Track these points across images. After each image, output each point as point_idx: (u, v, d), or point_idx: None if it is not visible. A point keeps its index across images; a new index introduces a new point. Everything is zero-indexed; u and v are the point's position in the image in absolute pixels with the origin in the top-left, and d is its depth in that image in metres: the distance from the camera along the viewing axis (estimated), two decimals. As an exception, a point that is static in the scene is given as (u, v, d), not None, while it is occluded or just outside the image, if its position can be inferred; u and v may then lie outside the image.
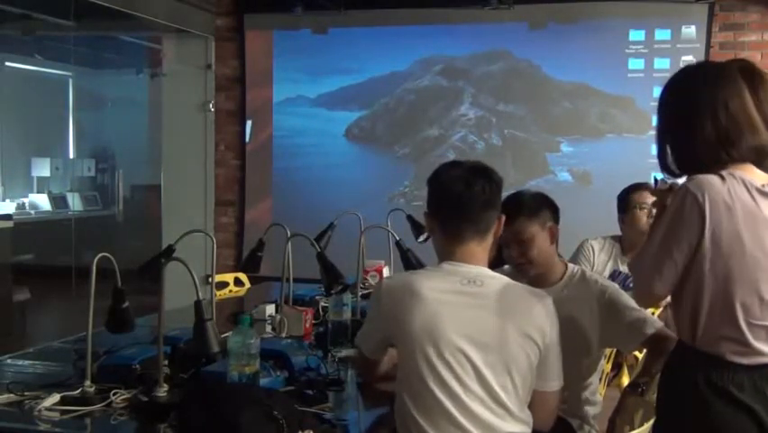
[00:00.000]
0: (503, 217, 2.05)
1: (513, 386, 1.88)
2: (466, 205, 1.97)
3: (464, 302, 1.90)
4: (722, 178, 1.79)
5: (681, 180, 1.91)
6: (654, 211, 3.56)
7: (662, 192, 1.97)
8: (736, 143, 1.83)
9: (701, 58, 5.59)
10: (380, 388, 2.26)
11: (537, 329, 1.90)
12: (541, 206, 2.46)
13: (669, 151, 1.94)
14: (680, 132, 1.90)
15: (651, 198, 3.58)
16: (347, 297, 2.95)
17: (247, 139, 6.62)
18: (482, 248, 2.00)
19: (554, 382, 1.99)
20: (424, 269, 2.17)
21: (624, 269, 3.60)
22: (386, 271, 3.87)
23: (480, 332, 1.87)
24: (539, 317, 1.93)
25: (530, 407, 1.96)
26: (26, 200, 8.67)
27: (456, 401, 1.85)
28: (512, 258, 2.45)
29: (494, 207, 2.01)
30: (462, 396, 1.85)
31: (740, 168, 1.83)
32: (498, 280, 1.98)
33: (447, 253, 1.99)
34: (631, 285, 2.92)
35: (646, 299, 2.14)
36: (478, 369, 1.85)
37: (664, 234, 1.85)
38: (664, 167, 1.96)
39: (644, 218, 3.63)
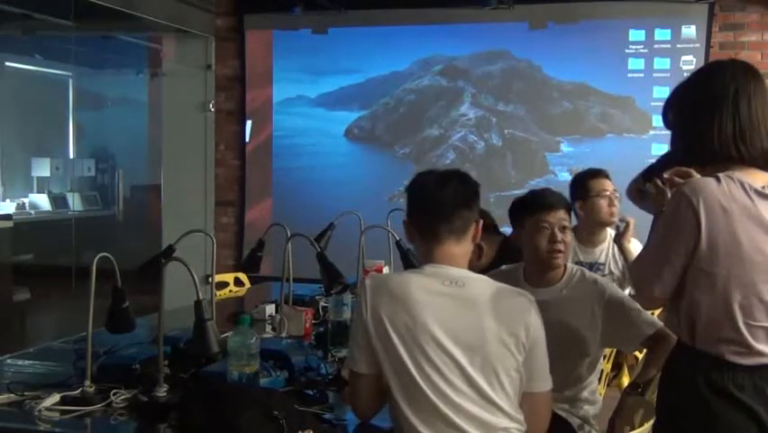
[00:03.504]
0: (481, 222, 2.04)
1: (500, 385, 1.87)
2: (439, 204, 1.98)
3: (447, 303, 1.90)
4: (718, 180, 1.79)
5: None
6: (616, 201, 3.56)
7: (657, 196, 1.98)
8: (748, 142, 1.83)
9: (701, 58, 5.61)
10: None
11: (521, 327, 1.89)
12: None
13: (683, 141, 1.93)
14: (698, 122, 1.88)
15: (611, 186, 3.57)
16: (347, 297, 2.95)
17: (247, 139, 6.62)
18: (461, 250, 1.99)
19: (543, 383, 1.96)
20: (406, 271, 2.17)
21: (582, 258, 3.56)
22: (386, 271, 3.86)
23: (463, 332, 1.87)
24: (522, 314, 1.92)
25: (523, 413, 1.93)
26: (26, 200, 8.65)
27: (447, 400, 1.85)
28: (548, 246, 2.47)
29: (469, 208, 2.00)
30: (452, 395, 1.85)
31: (740, 170, 1.83)
32: (481, 280, 1.98)
33: (427, 256, 1.99)
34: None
35: (648, 304, 2.15)
36: (463, 369, 1.85)
37: (662, 239, 1.86)
38: (677, 158, 1.95)
39: (605, 206, 3.51)
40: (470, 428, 1.84)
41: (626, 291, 2.85)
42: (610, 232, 3.59)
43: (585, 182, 3.58)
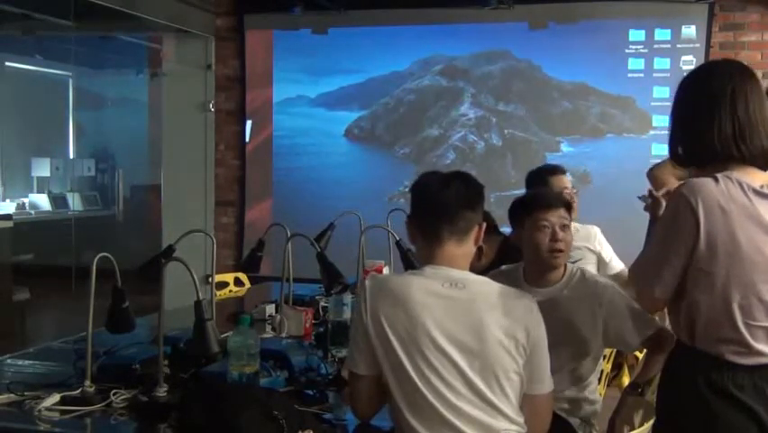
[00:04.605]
0: (484, 225, 2.03)
1: (500, 388, 1.86)
2: (442, 204, 1.97)
3: (447, 305, 1.89)
4: (716, 180, 1.79)
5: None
6: (575, 197, 3.58)
7: (653, 203, 1.99)
8: (748, 141, 1.83)
9: (701, 58, 5.60)
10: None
11: (521, 329, 1.89)
12: None
13: (683, 142, 1.93)
14: (698, 122, 1.88)
15: (569, 183, 3.58)
16: (347, 297, 2.95)
17: (247, 139, 6.62)
18: (462, 252, 1.98)
19: (543, 385, 1.95)
20: (407, 272, 2.17)
21: None
22: (386, 271, 3.86)
23: (463, 334, 1.86)
24: (523, 317, 1.91)
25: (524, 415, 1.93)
26: (26, 200, 8.66)
27: (446, 403, 1.84)
28: (549, 244, 2.46)
29: (472, 209, 1.99)
30: (452, 398, 1.84)
31: (738, 169, 1.83)
32: (481, 282, 1.97)
33: (428, 257, 1.98)
34: None
35: (649, 305, 2.14)
36: (463, 371, 1.85)
37: (662, 240, 1.86)
38: (677, 159, 1.96)
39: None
40: (470, 431, 1.84)
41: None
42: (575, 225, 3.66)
43: (544, 178, 3.61)
